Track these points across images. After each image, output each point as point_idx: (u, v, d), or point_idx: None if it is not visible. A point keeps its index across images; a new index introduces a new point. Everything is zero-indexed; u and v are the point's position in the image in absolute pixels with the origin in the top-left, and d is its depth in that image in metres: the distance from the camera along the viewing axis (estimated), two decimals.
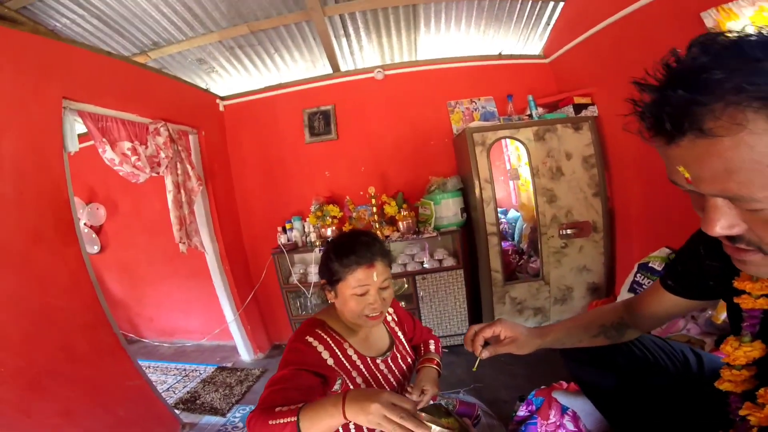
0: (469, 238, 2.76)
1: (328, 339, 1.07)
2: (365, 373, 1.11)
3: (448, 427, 0.85)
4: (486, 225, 2.53)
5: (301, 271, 2.89)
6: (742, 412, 0.68)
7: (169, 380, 2.87)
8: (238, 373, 2.84)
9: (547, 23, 2.78)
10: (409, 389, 1.22)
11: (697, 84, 0.44)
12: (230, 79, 3.08)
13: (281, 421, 0.82)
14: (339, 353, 1.07)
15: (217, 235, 2.88)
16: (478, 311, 2.83)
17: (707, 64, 0.45)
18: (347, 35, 2.75)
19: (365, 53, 2.98)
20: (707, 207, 0.50)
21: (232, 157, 3.12)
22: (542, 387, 1.68)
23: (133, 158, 2.12)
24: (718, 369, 0.95)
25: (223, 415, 2.32)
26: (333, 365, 1.04)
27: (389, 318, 1.31)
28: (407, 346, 1.29)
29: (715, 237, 0.54)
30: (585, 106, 2.53)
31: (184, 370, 3.02)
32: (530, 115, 2.61)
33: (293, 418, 0.81)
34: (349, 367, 1.08)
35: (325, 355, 1.04)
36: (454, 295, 2.69)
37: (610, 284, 2.67)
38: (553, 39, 2.85)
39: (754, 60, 0.43)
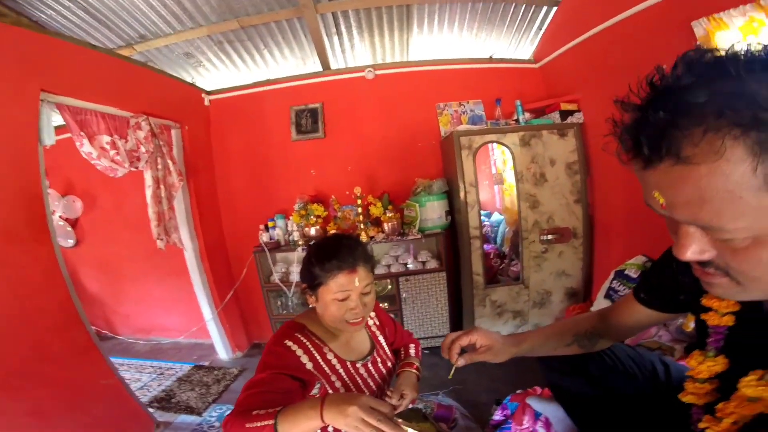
0: (452, 241, 2.78)
1: (308, 343, 1.06)
2: (345, 377, 1.10)
3: None
4: (469, 229, 2.55)
5: (283, 270, 2.86)
6: (701, 425, 0.70)
7: (143, 378, 2.80)
8: (216, 372, 2.79)
9: (539, 28, 2.81)
10: (388, 393, 1.23)
11: (678, 106, 0.44)
12: (217, 73, 3.01)
13: (258, 424, 0.82)
14: (318, 357, 1.06)
15: (197, 232, 2.82)
16: (459, 313, 2.85)
17: (690, 85, 0.45)
18: (339, 33, 2.73)
19: (356, 52, 2.96)
20: (680, 232, 0.52)
21: (216, 152, 3.06)
22: (517, 392, 1.71)
23: (112, 152, 2.06)
24: (681, 378, 0.99)
25: (199, 414, 2.28)
26: (312, 369, 1.03)
27: (371, 322, 1.30)
28: (387, 351, 1.28)
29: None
30: (571, 113, 2.57)
31: (160, 368, 2.95)
32: (517, 120, 2.63)
33: (271, 421, 0.81)
34: (328, 371, 1.07)
35: (305, 359, 1.03)
36: (436, 297, 2.71)
37: (588, 289, 2.73)
38: (543, 44, 2.87)
39: (738, 82, 0.43)
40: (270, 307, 2.90)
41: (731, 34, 1.45)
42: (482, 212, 2.81)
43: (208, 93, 3.02)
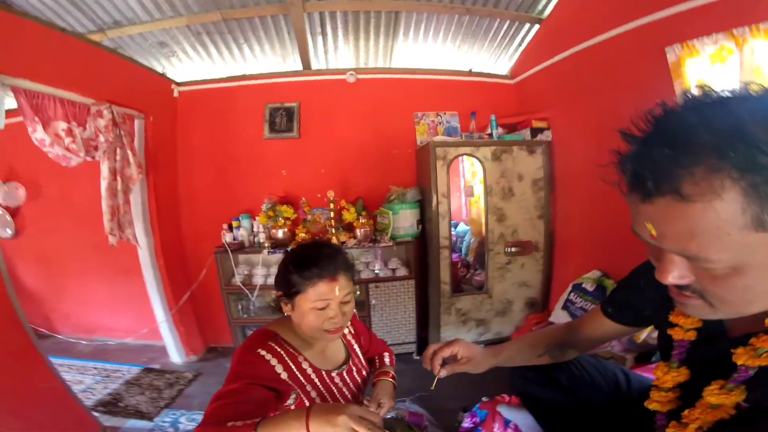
0: (421, 250, 2.81)
1: (282, 352, 1.02)
2: (320, 386, 1.08)
3: None
4: (440, 239, 2.60)
5: (246, 272, 2.75)
6: (669, 430, 0.75)
7: (86, 380, 2.59)
8: (168, 375, 2.64)
9: (519, 44, 2.91)
10: (365, 402, 1.22)
11: (683, 144, 0.47)
12: (191, 64, 2.86)
13: None
14: (293, 366, 1.03)
15: (153, 229, 2.65)
16: (425, 321, 2.89)
17: (695, 124, 0.47)
18: (324, 34, 2.69)
19: (339, 54, 2.93)
20: (664, 259, 0.56)
21: (180, 146, 2.89)
22: (485, 400, 1.75)
23: (67, 140, 1.92)
24: (643, 388, 1.06)
25: (151, 419, 2.14)
26: (287, 379, 1.00)
27: (346, 331, 1.28)
28: (362, 359, 1.27)
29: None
30: (541, 130, 2.68)
31: (105, 370, 2.74)
32: (490, 135, 2.72)
33: None
34: (303, 380, 1.04)
35: (279, 368, 0.99)
36: (404, 305, 2.73)
37: (546, 300, 2.87)
38: (521, 61, 2.98)
39: (741, 124, 0.44)
40: (230, 311, 2.78)
41: (701, 61, 1.53)
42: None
43: (178, 84, 2.86)
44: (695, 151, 0.45)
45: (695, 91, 0.52)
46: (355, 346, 1.27)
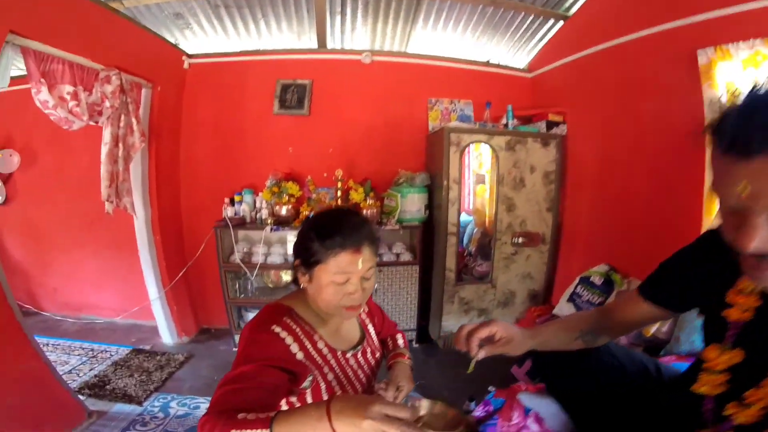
0: (426, 236, 2.76)
1: (298, 329, 0.94)
2: (336, 368, 1.00)
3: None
4: (448, 225, 2.55)
5: (245, 249, 2.66)
6: (728, 411, 0.73)
7: (72, 361, 2.48)
8: (158, 357, 2.54)
9: (540, 40, 2.88)
10: (382, 386, 1.15)
11: None
12: (204, 38, 2.77)
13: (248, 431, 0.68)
14: (309, 346, 0.95)
15: (151, 200, 2.55)
16: (427, 308, 2.85)
17: None
18: (343, 13, 2.62)
19: (356, 35, 2.86)
20: (750, 224, 0.54)
21: (185, 117, 2.79)
22: (491, 389, 1.70)
23: (71, 103, 1.86)
24: (673, 375, 1.06)
25: (139, 403, 2.05)
26: (303, 359, 0.92)
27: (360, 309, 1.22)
28: (375, 341, 1.20)
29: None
30: (557, 124, 2.66)
31: (92, 350, 2.63)
32: (506, 125, 2.68)
33: (265, 431, 0.67)
34: (320, 361, 0.96)
35: (294, 348, 0.91)
36: (407, 291, 2.68)
37: (548, 293, 2.86)
38: (541, 56, 2.95)
39: None
40: (227, 291, 2.67)
41: (733, 65, 1.53)
42: None
43: (189, 56, 2.76)
44: None
45: None
46: (369, 327, 1.20)
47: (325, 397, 0.95)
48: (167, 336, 2.78)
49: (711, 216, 1.72)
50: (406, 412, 0.66)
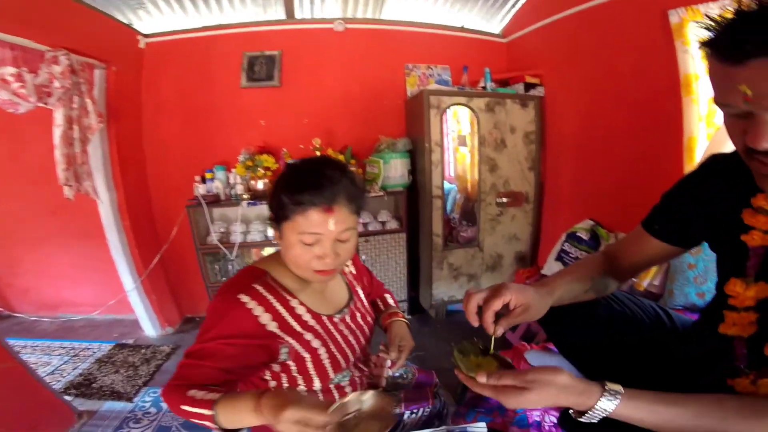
0: (412, 203, 2.72)
1: (270, 297, 0.84)
2: (322, 334, 0.92)
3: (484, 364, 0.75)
4: (432, 188, 2.51)
5: (222, 229, 2.54)
6: None
7: (54, 361, 2.36)
8: (143, 350, 2.44)
9: (513, 5, 2.81)
10: (381, 348, 1.10)
11: None
12: (161, 17, 2.54)
13: (196, 410, 0.71)
14: (285, 313, 0.86)
15: (115, 183, 2.39)
16: (416, 278, 2.82)
17: None
18: None
19: (326, 4, 2.70)
20: (757, 124, 0.54)
21: (146, 97, 2.60)
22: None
23: (15, 85, 1.70)
24: (685, 323, 0.99)
25: (130, 399, 1.97)
26: (276, 330, 0.83)
27: (347, 269, 1.13)
28: (366, 303, 1.13)
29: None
30: (534, 86, 2.66)
31: (73, 348, 2.51)
32: (484, 87, 2.64)
33: (209, 411, 0.69)
34: (300, 329, 0.88)
35: (265, 318, 0.82)
36: (395, 260, 2.65)
37: (534, 255, 2.88)
38: (515, 21, 2.91)
39: None
40: (206, 274, 2.57)
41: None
42: None
43: (146, 36, 2.55)
44: None
45: None
46: (358, 289, 1.12)
47: (311, 368, 0.89)
48: (150, 328, 2.66)
49: (692, 163, 1.74)
50: (324, 416, 0.62)
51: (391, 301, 1.25)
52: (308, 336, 0.88)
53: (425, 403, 1.07)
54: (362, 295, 1.12)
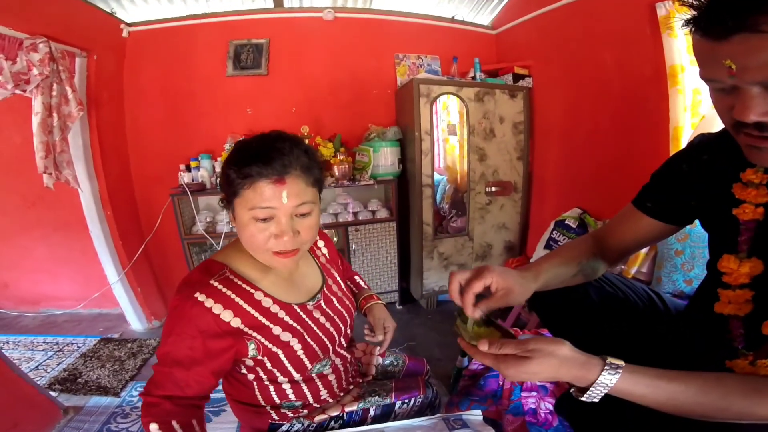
0: (402, 192, 2.71)
1: (229, 292, 0.78)
2: (293, 325, 0.85)
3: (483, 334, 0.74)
4: (422, 177, 2.50)
5: (208, 219, 2.48)
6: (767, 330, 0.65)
7: (37, 357, 2.29)
8: (129, 344, 2.38)
9: None
10: (366, 331, 1.09)
11: None
12: (145, 6, 2.47)
13: None
14: (248, 307, 0.80)
15: (96, 172, 2.31)
16: (407, 266, 2.82)
17: None
18: None
19: None
20: (743, 98, 0.54)
21: (129, 85, 2.52)
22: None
23: None
24: (679, 307, 0.98)
25: (116, 394, 1.92)
26: (240, 326, 0.78)
27: (319, 252, 1.08)
28: (343, 286, 1.07)
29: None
30: (523, 77, 2.67)
31: (57, 343, 2.43)
32: (474, 78, 2.64)
33: None
34: (267, 322, 0.82)
35: (227, 316, 0.76)
36: (386, 250, 2.64)
37: (523, 244, 2.91)
38: (504, 13, 2.92)
39: None
40: (192, 265, 2.50)
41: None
42: None
43: (129, 24, 2.47)
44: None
45: None
46: (333, 271, 1.07)
47: (286, 362, 0.84)
48: (136, 322, 2.61)
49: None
50: None
51: (362, 284, 1.24)
52: (276, 330, 0.83)
53: (416, 393, 1.05)
54: (338, 278, 1.07)
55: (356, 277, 1.24)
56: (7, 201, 2.57)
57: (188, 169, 2.49)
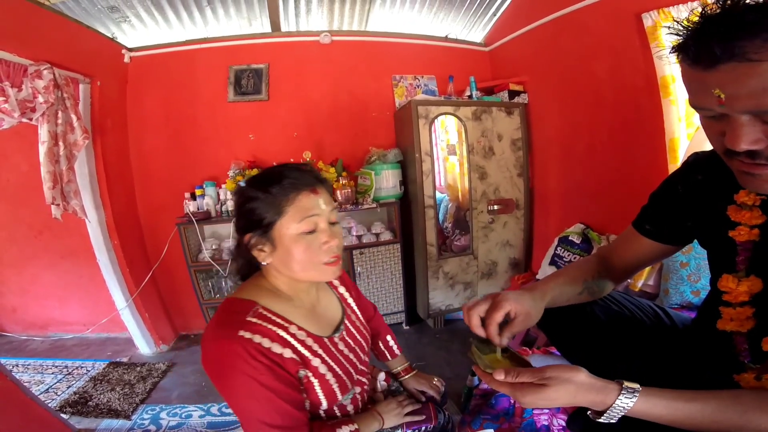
0: (405, 214, 2.72)
1: (270, 325, 0.78)
2: (327, 359, 0.86)
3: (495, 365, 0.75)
4: (424, 198, 2.52)
5: (214, 246, 2.51)
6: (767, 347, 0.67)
7: (47, 380, 2.32)
8: (138, 368, 2.40)
9: (494, 14, 2.87)
10: (399, 400, 1.08)
11: (745, 19, 0.50)
12: (145, 31, 2.54)
13: None
14: (291, 340, 0.80)
15: (103, 201, 2.36)
16: (412, 287, 2.82)
17: (753, 7, 0.51)
18: None
19: (312, 17, 2.72)
20: (733, 126, 0.54)
21: (132, 112, 2.57)
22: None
23: None
24: (685, 321, 0.99)
25: (128, 417, 1.94)
26: (293, 356, 0.79)
27: (336, 282, 1.09)
28: (360, 316, 1.08)
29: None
30: (518, 93, 2.70)
31: (66, 367, 2.46)
32: (470, 96, 2.67)
33: None
34: (308, 355, 0.82)
35: (277, 348, 0.76)
36: (391, 271, 2.64)
37: (528, 260, 2.89)
38: (496, 30, 2.96)
39: None
40: (200, 292, 2.54)
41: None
42: None
43: (130, 50, 2.53)
44: (761, 23, 0.49)
45: None
46: (350, 300, 1.08)
47: (320, 393, 0.85)
48: (144, 346, 2.62)
49: (676, 163, 1.76)
50: None
51: (393, 345, 1.22)
52: (315, 362, 0.84)
53: (428, 424, 1.04)
54: (355, 308, 1.08)
55: (388, 336, 1.22)
56: (16, 230, 2.63)
57: (193, 197, 2.53)
